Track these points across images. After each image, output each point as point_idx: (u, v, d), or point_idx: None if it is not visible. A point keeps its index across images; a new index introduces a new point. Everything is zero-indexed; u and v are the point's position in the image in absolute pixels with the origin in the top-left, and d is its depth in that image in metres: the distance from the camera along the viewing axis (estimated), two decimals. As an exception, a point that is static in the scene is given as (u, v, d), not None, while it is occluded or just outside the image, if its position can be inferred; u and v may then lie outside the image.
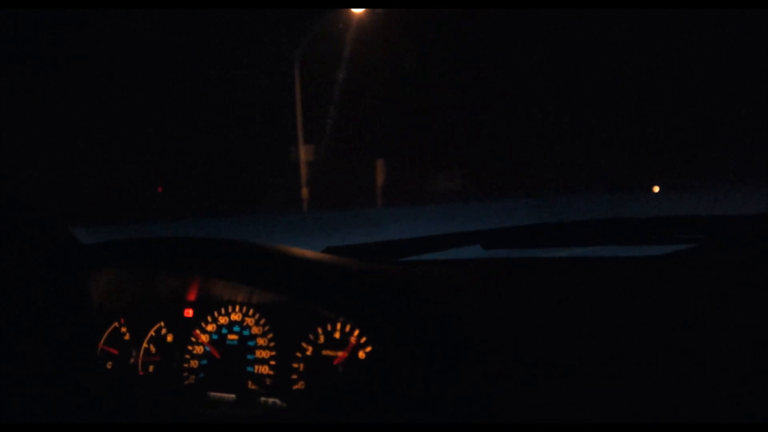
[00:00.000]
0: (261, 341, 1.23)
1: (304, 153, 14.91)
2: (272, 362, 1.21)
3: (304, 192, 14.85)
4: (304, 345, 1.19)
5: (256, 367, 1.22)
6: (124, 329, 1.36)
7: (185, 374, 1.28)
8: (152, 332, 1.34)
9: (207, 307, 1.31)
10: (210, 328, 1.29)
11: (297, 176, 14.84)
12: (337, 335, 1.17)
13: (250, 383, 1.21)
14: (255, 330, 1.25)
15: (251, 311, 1.27)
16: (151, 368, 1.32)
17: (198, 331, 1.29)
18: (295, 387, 1.17)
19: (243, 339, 1.25)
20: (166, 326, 1.33)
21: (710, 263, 1.22)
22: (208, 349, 1.27)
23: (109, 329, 1.37)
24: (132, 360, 1.33)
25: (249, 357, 1.23)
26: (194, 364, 1.28)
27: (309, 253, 1.32)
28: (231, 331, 1.27)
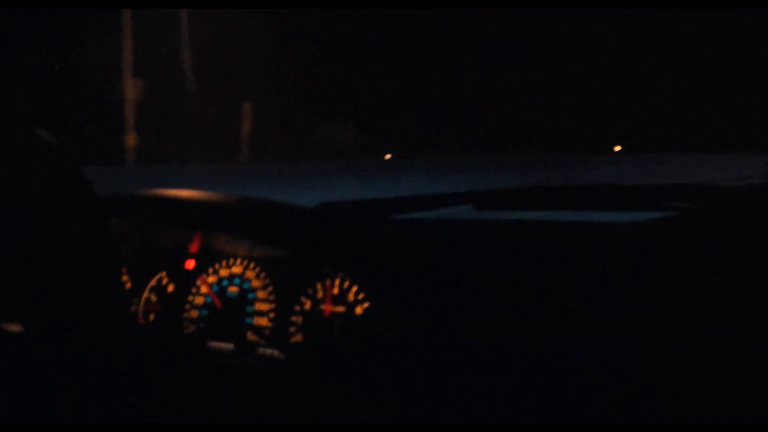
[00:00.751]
0: (261, 294, 1.27)
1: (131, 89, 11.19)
2: (271, 315, 1.25)
3: (129, 139, 11.30)
4: (302, 299, 1.23)
5: (256, 319, 1.26)
6: (125, 278, 1.39)
7: (185, 324, 1.32)
8: (153, 282, 1.38)
9: (208, 259, 1.34)
10: (211, 279, 1.33)
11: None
12: (335, 291, 1.21)
13: (249, 334, 1.25)
14: (255, 283, 1.29)
15: (252, 264, 1.31)
16: (151, 317, 1.36)
17: (199, 282, 1.33)
18: (293, 339, 1.22)
19: (243, 291, 1.29)
20: (167, 276, 1.37)
21: (701, 230, 1.26)
22: (208, 299, 1.31)
23: None
24: (133, 308, 1.37)
25: (248, 309, 1.27)
26: (194, 314, 1.32)
27: (307, 209, 1.35)
28: (231, 284, 1.31)
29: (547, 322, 1.04)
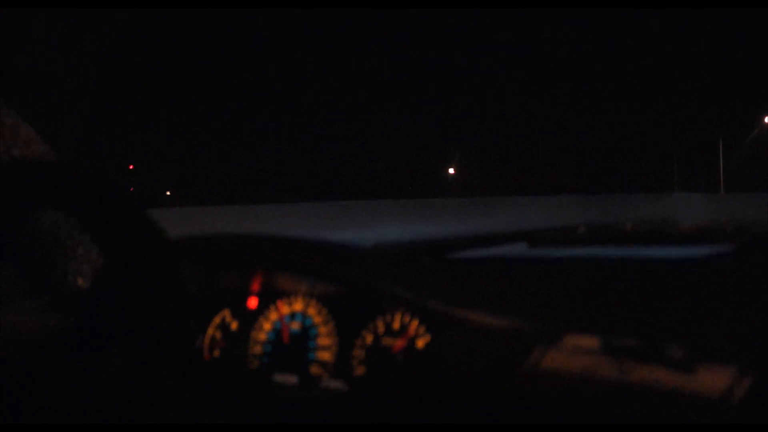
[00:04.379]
0: (323, 330, 1.31)
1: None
2: (334, 349, 1.28)
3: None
4: (364, 333, 1.26)
5: (318, 353, 1.29)
6: (190, 316, 1.44)
7: (249, 359, 1.36)
8: (217, 319, 1.42)
9: (270, 297, 1.38)
10: (273, 316, 1.37)
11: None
12: (396, 325, 1.24)
13: (312, 368, 1.28)
14: (317, 319, 1.32)
15: (313, 302, 1.34)
16: (216, 353, 1.40)
17: (261, 320, 1.37)
18: (356, 373, 1.24)
19: (305, 328, 1.33)
20: (230, 314, 1.41)
21: (757, 264, 1.27)
22: (271, 336, 1.35)
23: None
24: (198, 345, 1.41)
25: (311, 344, 1.30)
26: (258, 350, 1.35)
27: (365, 248, 1.39)
28: (293, 320, 1.35)
29: (602, 355, 1.05)
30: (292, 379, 1.28)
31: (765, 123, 22.15)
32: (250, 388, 1.31)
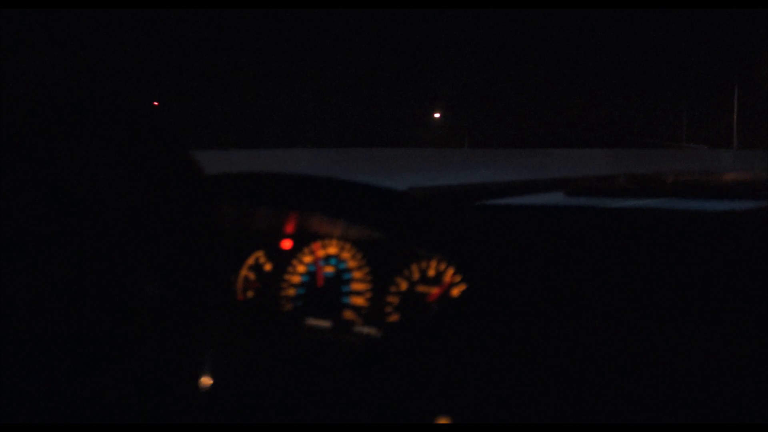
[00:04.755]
0: (357, 274, 1.30)
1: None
2: (367, 295, 1.27)
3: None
4: (398, 280, 1.25)
5: (352, 298, 1.29)
6: (224, 255, 1.43)
7: (282, 302, 1.36)
8: (251, 260, 1.42)
9: (305, 239, 1.38)
10: (307, 259, 1.36)
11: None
12: (431, 272, 1.23)
13: (346, 313, 1.28)
14: (351, 264, 1.31)
15: (348, 245, 1.33)
16: (249, 294, 1.40)
17: (295, 262, 1.37)
18: (390, 319, 1.24)
19: (339, 272, 1.32)
20: (264, 255, 1.41)
21: None
22: (305, 278, 1.35)
23: None
24: (231, 285, 1.41)
25: (345, 289, 1.30)
26: (291, 292, 1.35)
27: (402, 192, 1.37)
28: (328, 264, 1.34)
29: (641, 311, 1.04)
30: (325, 323, 1.29)
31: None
32: (283, 331, 1.31)
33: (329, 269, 1.34)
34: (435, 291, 1.21)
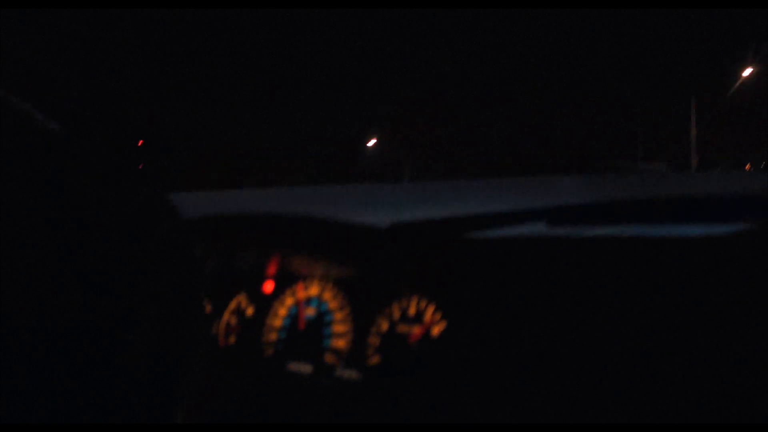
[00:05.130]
0: (338, 315, 1.29)
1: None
2: (348, 337, 1.26)
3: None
4: (379, 320, 1.24)
5: (333, 340, 1.28)
6: (205, 301, 1.43)
7: (264, 346, 1.34)
8: (233, 304, 1.41)
9: (286, 280, 1.37)
10: (289, 301, 1.35)
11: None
12: (412, 311, 1.22)
13: (326, 356, 1.27)
14: (332, 304, 1.30)
15: (329, 286, 1.32)
16: (231, 339, 1.39)
17: (277, 305, 1.36)
18: (370, 362, 1.23)
19: (320, 314, 1.31)
20: (246, 298, 1.40)
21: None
22: (287, 321, 1.34)
23: None
24: (213, 331, 1.40)
25: (326, 331, 1.29)
26: (273, 336, 1.34)
27: (383, 229, 1.37)
28: (309, 305, 1.33)
29: (626, 339, 1.03)
30: (306, 368, 1.27)
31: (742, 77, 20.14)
32: (265, 377, 1.30)
33: (310, 311, 1.33)
34: (416, 330, 1.20)
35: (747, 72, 19.21)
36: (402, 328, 1.22)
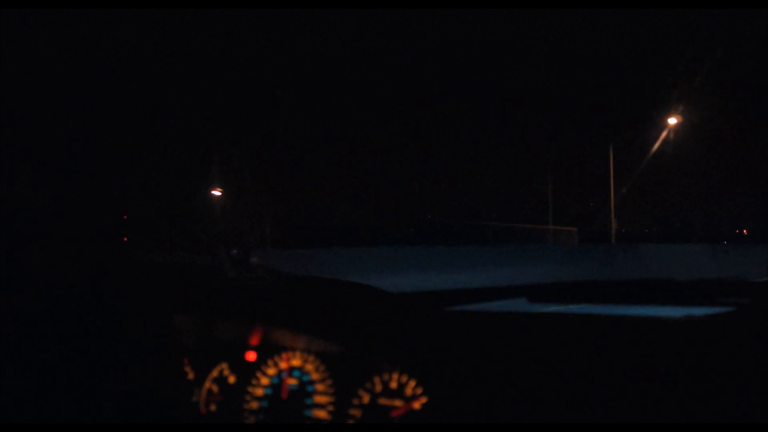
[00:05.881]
0: (320, 387, 1.30)
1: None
2: (330, 408, 1.27)
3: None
4: (361, 393, 1.25)
5: (315, 411, 1.28)
6: (188, 368, 1.43)
7: (245, 415, 1.35)
8: (215, 373, 1.41)
9: (268, 351, 1.38)
10: (271, 371, 1.36)
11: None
12: (393, 384, 1.23)
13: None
14: (314, 376, 1.31)
15: (311, 357, 1.33)
16: (212, 407, 1.39)
17: (259, 374, 1.37)
18: None
19: (302, 384, 1.32)
20: (228, 368, 1.41)
21: (748, 327, 1.26)
22: (268, 391, 1.34)
23: None
24: (195, 398, 1.40)
25: (308, 401, 1.30)
26: (254, 405, 1.35)
27: (365, 303, 1.39)
28: (291, 376, 1.34)
29: (603, 411, 1.05)
30: None
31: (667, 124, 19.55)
32: None
33: (293, 381, 1.34)
34: (397, 404, 1.21)
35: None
36: (383, 401, 1.23)
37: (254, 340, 1.40)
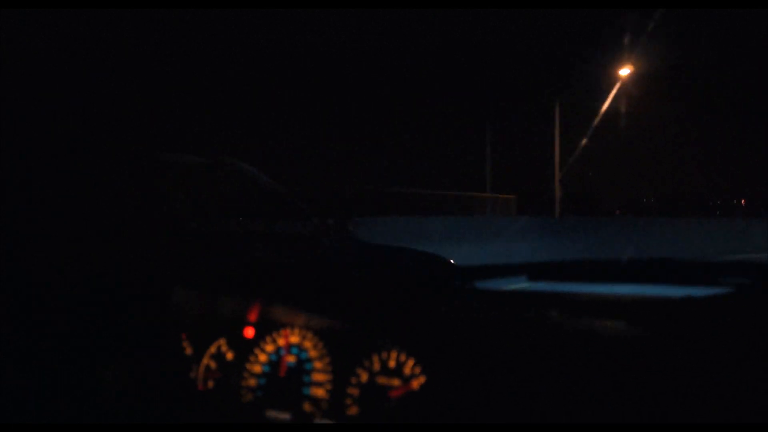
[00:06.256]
0: (318, 365, 1.29)
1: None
2: (328, 386, 1.27)
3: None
4: (359, 371, 1.25)
5: (313, 389, 1.28)
6: (185, 344, 1.43)
7: (243, 392, 1.35)
8: (213, 349, 1.41)
9: (267, 327, 1.37)
10: (269, 348, 1.36)
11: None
12: (392, 363, 1.23)
13: (305, 405, 1.27)
14: (312, 353, 1.31)
15: (310, 334, 1.33)
16: (210, 384, 1.39)
17: (257, 351, 1.36)
18: (349, 412, 1.23)
19: (300, 361, 1.32)
20: (226, 344, 1.40)
21: (753, 307, 1.25)
22: (266, 368, 1.34)
23: None
24: (192, 374, 1.40)
25: (306, 379, 1.29)
26: (252, 382, 1.34)
27: (364, 280, 1.38)
28: (289, 353, 1.34)
29: (605, 396, 1.05)
30: (284, 415, 1.28)
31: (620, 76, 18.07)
32: (243, 423, 1.30)
33: (291, 359, 1.33)
34: (395, 383, 1.21)
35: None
36: (382, 380, 1.22)
37: (252, 316, 1.40)
